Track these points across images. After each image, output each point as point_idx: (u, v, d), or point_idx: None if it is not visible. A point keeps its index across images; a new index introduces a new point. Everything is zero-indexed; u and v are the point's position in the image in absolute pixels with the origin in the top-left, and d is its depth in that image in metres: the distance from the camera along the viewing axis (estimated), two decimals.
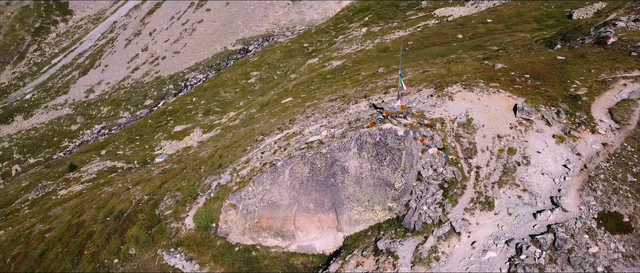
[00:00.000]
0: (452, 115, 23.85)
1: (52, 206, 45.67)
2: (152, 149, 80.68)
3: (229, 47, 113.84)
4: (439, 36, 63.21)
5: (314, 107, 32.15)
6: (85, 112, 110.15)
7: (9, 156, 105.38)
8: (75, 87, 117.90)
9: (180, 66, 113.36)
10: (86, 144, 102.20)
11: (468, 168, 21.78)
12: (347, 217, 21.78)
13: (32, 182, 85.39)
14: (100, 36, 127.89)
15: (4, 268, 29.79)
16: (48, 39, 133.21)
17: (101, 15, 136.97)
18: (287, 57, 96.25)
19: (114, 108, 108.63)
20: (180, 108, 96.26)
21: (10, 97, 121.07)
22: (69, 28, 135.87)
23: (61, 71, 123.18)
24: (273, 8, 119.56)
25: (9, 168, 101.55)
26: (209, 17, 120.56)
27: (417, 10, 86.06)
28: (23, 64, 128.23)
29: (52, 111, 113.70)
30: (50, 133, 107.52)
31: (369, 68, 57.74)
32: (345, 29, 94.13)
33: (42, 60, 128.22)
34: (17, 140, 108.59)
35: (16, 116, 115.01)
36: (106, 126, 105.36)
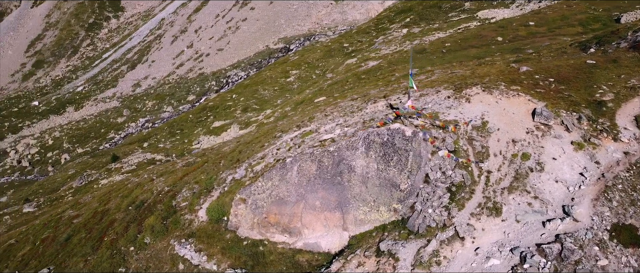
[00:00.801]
0: (467, 117, 23.27)
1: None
2: (191, 143, 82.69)
3: (270, 46, 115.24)
4: (477, 38, 61.74)
5: (335, 106, 32.12)
6: (131, 105, 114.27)
7: (59, 145, 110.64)
8: (123, 81, 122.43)
9: (223, 63, 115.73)
10: (130, 136, 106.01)
11: (478, 172, 21.20)
12: (353, 217, 21.64)
13: (77, 171, 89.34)
14: (149, 33, 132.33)
15: (33, 250, 31.32)
16: (100, 35, 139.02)
17: (150, 12, 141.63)
18: (327, 57, 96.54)
19: (159, 102, 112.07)
20: (220, 104, 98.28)
21: (63, 89, 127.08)
22: (120, 24, 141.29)
23: (111, 65, 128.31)
24: (316, 7, 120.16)
25: (58, 157, 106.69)
26: (252, 15, 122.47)
27: (460, 11, 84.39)
28: (76, 58, 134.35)
29: (101, 104, 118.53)
30: (98, 125, 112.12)
31: (403, 69, 57.05)
32: (385, 30, 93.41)
33: (94, 54, 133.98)
34: (68, 130, 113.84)
35: (68, 107, 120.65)
36: (150, 119, 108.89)
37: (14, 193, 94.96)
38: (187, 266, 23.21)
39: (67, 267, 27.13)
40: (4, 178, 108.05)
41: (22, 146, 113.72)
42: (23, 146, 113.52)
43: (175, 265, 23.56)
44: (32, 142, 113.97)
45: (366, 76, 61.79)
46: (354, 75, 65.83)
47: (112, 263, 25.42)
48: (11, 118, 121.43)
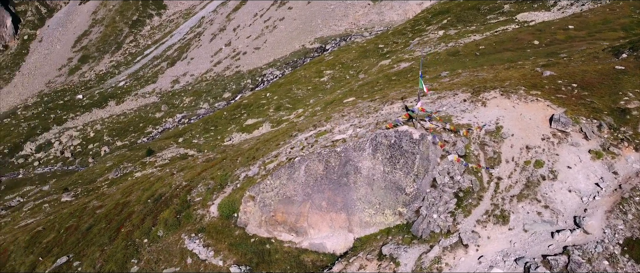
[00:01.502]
0: (481, 122, 22.61)
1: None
2: (223, 140, 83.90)
3: (306, 46, 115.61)
4: (513, 41, 60.04)
5: (353, 106, 31.89)
6: (169, 101, 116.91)
7: (100, 137, 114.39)
8: (162, 78, 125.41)
9: (259, 62, 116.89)
10: (167, 131, 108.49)
11: (488, 179, 20.57)
12: (358, 218, 21.40)
13: (115, 163, 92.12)
14: (189, 30, 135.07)
15: (57, 238, 32.48)
16: (143, 31, 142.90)
17: (191, 10, 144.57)
18: (361, 58, 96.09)
19: (195, 98, 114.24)
20: (254, 102, 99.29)
21: (106, 84, 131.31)
22: (162, 22, 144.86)
23: (152, 61, 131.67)
24: (353, 8, 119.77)
25: (99, 149, 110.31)
26: (290, 15, 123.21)
27: (498, 14, 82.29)
28: (119, 54, 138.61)
29: (141, 99, 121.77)
30: (137, 119, 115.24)
31: (434, 71, 56.13)
32: (422, 31, 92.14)
33: (136, 50, 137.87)
34: (108, 123, 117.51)
35: (110, 102, 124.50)
36: (186, 115, 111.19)
37: (56, 182, 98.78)
38: (195, 260, 23.51)
39: (85, 256, 27.99)
40: (47, 168, 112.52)
41: (65, 137, 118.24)
42: (66, 138, 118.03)
43: (183, 258, 23.92)
44: (75, 134, 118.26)
45: (397, 78, 61.15)
46: (385, 76, 65.28)
47: (125, 254, 26.04)
48: (57, 110, 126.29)
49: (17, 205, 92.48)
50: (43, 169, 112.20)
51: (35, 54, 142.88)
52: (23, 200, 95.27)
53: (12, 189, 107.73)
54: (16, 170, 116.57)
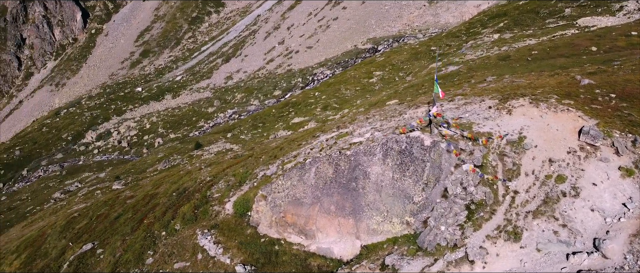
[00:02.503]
0: (503, 131, 21.27)
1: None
2: (268, 137, 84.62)
3: (359, 46, 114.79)
4: (569, 47, 56.74)
5: (380, 108, 31.04)
6: (221, 97, 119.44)
7: (155, 129, 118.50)
8: (217, 74, 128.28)
9: (310, 61, 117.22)
10: (218, 126, 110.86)
11: (504, 192, 19.29)
12: (366, 225, 20.68)
13: (165, 155, 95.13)
14: (245, 28, 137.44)
15: (89, 225, 33.68)
16: (201, 28, 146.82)
17: (248, 8, 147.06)
18: (412, 60, 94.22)
19: (247, 95, 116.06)
20: (302, 100, 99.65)
21: (163, 78, 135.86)
22: (219, 19, 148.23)
23: (208, 57, 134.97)
24: (408, 9, 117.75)
25: (153, 140, 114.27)
26: (343, 15, 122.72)
27: (558, 18, 78.19)
28: (178, 49, 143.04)
29: (195, 94, 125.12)
30: (190, 113, 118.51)
31: (481, 76, 54.01)
32: (476, 34, 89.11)
33: (193, 46, 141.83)
34: (164, 116, 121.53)
35: (166, 95, 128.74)
36: (237, 111, 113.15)
37: (111, 170, 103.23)
38: (205, 256, 23.57)
39: (108, 244, 28.79)
40: (105, 156, 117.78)
41: (123, 127, 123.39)
42: (125, 128, 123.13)
43: (194, 254, 24.04)
44: (133, 125, 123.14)
45: (443, 81, 59.16)
46: (431, 79, 63.48)
47: (143, 245, 26.53)
48: (117, 101, 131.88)
49: (74, 190, 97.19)
50: (101, 157, 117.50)
51: (101, 48, 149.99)
52: (80, 185, 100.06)
53: (72, 174, 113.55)
54: (77, 157, 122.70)
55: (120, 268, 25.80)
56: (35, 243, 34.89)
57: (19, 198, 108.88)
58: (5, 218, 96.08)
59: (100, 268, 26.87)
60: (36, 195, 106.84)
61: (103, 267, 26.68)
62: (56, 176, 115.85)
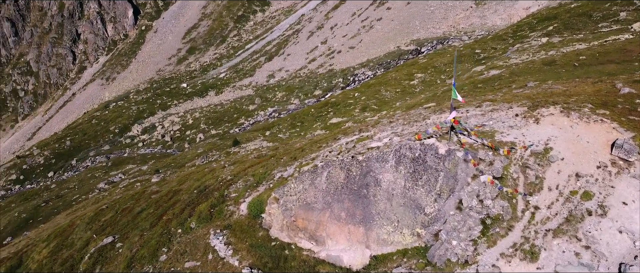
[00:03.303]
0: (528, 141, 19.83)
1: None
2: (305, 136, 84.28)
3: (402, 47, 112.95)
4: (620, 53, 53.42)
5: (406, 112, 29.91)
6: (263, 95, 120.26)
7: (197, 125, 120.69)
8: (259, 72, 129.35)
9: (352, 61, 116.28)
10: (257, 123, 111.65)
11: (523, 207, 17.93)
12: (376, 234, 19.76)
13: (204, 150, 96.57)
14: (288, 27, 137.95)
15: (113, 218, 34.19)
16: (246, 27, 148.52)
17: (293, 8, 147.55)
18: (456, 62, 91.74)
19: (287, 94, 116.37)
20: (342, 101, 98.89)
21: (208, 75, 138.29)
22: (264, 18, 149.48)
23: (251, 55, 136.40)
24: (454, 10, 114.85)
25: (195, 136, 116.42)
26: (387, 15, 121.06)
27: (612, 22, 74.01)
28: (223, 47, 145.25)
29: (238, 91, 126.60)
30: (231, 110, 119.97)
31: (523, 81, 51.68)
32: (523, 38, 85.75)
33: (238, 44, 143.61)
34: (206, 112, 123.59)
35: (210, 92, 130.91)
36: (277, 109, 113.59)
37: (154, 163, 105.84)
38: (215, 257, 23.26)
39: (128, 238, 29.03)
40: (149, 149, 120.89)
41: (168, 122, 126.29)
42: (169, 123, 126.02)
43: (205, 254, 23.78)
44: (176, 120, 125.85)
45: (483, 85, 57.18)
46: (471, 83, 61.40)
47: (159, 241, 26.54)
48: (163, 96, 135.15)
49: (117, 181, 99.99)
50: (145, 150, 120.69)
51: (149, 44, 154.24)
52: (124, 177, 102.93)
53: (117, 166, 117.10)
54: (123, 149, 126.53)
55: (136, 264, 25.88)
56: (64, 233, 35.76)
57: (66, 186, 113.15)
58: (54, 205, 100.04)
59: (117, 262, 27.09)
60: (82, 184, 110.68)
61: (120, 261, 26.87)
62: (102, 167, 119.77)
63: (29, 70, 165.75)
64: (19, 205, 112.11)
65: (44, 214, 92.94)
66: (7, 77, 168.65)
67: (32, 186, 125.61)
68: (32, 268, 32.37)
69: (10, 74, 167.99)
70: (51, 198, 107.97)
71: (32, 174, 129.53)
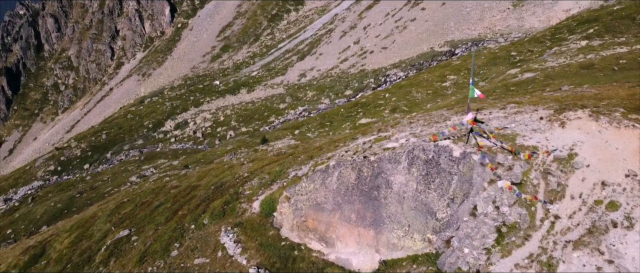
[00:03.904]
0: (552, 145, 18.63)
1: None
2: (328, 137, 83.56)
3: (435, 48, 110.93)
4: None
5: (427, 113, 28.91)
6: (294, 94, 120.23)
7: (228, 122, 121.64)
8: (291, 71, 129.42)
9: (384, 62, 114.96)
10: (287, 122, 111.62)
11: (543, 215, 16.80)
12: (386, 238, 18.95)
13: (234, 147, 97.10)
14: (321, 26, 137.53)
15: (132, 211, 34.37)
16: (280, 26, 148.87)
17: (327, 7, 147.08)
18: (490, 65, 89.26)
19: (318, 93, 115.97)
20: (372, 101, 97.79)
21: (240, 73, 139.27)
22: (298, 17, 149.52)
23: (284, 54, 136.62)
24: (491, 12, 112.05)
25: (225, 132, 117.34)
26: (422, 16, 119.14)
27: None
28: (256, 46, 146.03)
29: (269, 89, 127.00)
30: (262, 108, 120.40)
31: (557, 84, 49.68)
32: (562, 40, 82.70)
33: (271, 43, 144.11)
34: (238, 110, 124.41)
35: (242, 89, 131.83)
36: (307, 109, 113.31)
37: (185, 158, 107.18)
38: (224, 254, 22.89)
39: (143, 232, 29.03)
40: (181, 144, 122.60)
41: (200, 119, 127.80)
42: (201, 119, 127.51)
43: (215, 251, 23.45)
44: (208, 116, 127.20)
45: (515, 88, 55.27)
46: (503, 86, 59.47)
47: (172, 236, 26.39)
48: (196, 93, 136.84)
49: (149, 175, 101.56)
50: (177, 145, 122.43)
51: (185, 41, 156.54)
52: (155, 171, 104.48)
53: (149, 160, 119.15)
54: (156, 144, 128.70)
55: (148, 258, 25.80)
56: (85, 224, 36.20)
57: (100, 179, 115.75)
58: (87, 196, 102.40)
59: (131, 256, 27.08)
60: (116, 177, 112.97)
61: (133, 255, 26.85)
62: (135, 160, 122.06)
63: (70, 65, 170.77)
64: (56, 195, 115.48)
65: (78, 205, 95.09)
66: (49, 72, 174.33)
67: (69, 177, 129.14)
68: (53, 257, 32.82)
69: (52, 69, 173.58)
70: (86, 189, 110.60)
71: (69, 166, 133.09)
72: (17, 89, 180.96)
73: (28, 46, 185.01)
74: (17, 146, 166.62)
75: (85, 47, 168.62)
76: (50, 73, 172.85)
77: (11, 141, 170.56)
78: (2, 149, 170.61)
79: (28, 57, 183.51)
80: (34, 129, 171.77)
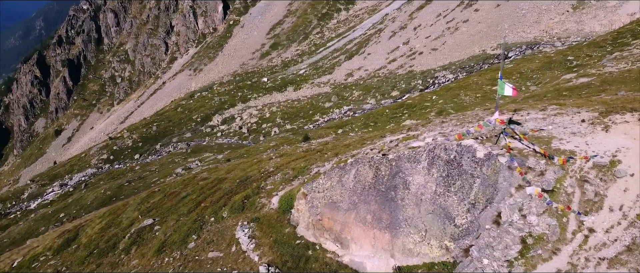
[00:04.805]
0: (592, 151, 16.71)
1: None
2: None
3: (487, 51, 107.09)
4: None
5: (462, 113, 27.20)
6: (339, 93, 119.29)
7: (273, 119, 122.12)
8: (338, 70, 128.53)
9: (433, 63, 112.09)
10: (331, 121, 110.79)
11: (575, 227, 14.99)
12: (402, 243, 17.61)
13: (277, 144, 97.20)
14: (371, 26, 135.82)
15: (160, 201, 34.40)
16: (329, 25, 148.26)
17: (377, 7, 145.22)
18: (544, 69, 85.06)
19: (364, 93, 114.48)
20: (418, 103, 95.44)
21: (288, 71, 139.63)
22: (348, 16, 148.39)
23: (332, 53, 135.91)
24: (548, 14, 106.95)
25: (270, 129, 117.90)
26: (475, 17, 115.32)
27: None
28: (305, 44, 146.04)
29: (315, 88, 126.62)
30: (307, 106, 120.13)
31: (614, 90, 46.25)
32: (624, 45, 77.58)
33: (320, 42, 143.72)
34: (283, 107, 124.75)
35: (288, 87, 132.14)
36: (352, 108, 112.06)
37: (228, 153, 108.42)
38: (237, 249, 22.17)
39: (165, 222, 28.84)
40: (226, 139, 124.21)
41: (246, 114, 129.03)
42: (247, 115, 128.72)
43: (230, 245, 22.78)
44: (254, 113, 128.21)
45: (568, 93, 52.04)
46: (555, 90, 56.20)
47: (191, 228, 25.98)
48: (244, 89, 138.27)
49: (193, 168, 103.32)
50: (223, 140, 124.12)
51: (236, 38, 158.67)
52: (200, 164, 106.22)
53: (195, 153, 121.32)
54: (203, 138, 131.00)
55: (166, 248, 25.48)
56: (117, 212, 36.61)
57: (149, 169, 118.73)
58: (135, 186, 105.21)
59: (151, 245, 26.90)
60: (163, 168, 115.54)
61: (153, 244, 26.65)
62: (182, 153, 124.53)
63: (127, 58, 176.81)
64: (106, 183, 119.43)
65: (125, 193, 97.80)
66: (108, 64, 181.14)
67: (120, 166, 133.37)
68: (83, 242, 33.27)
69: (110, 62, 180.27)
70: (134, 178, 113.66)
71: (121, 155, 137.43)
72: (77, 80, 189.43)
73: (89, 39, 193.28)
74: (75, 135, 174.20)
75: (142, 41, 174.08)
76: (108, 66, 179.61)
77: (70, 129, 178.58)
78: (62, 137, 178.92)
79: (89, 50, 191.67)
80: (91, 119, 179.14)
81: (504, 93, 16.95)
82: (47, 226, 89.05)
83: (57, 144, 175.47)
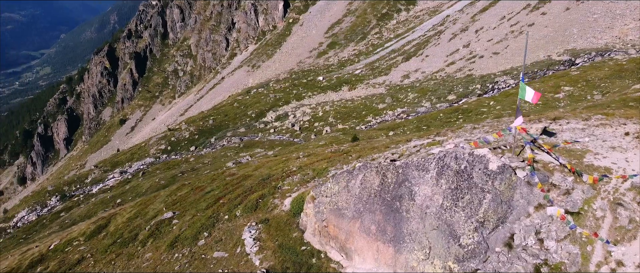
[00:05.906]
0: (631, 169, 14.28)
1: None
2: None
3: (553, 57, 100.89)
4: None
5: (496, 119, 24.88)
6: (394, 95, 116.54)
7: (326, 118, 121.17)
8: (395, 71, 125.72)
9: (494, 68, 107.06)
10: (384, 123, 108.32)
11: (602, 258, 12.73)
12: (405, 260, 15.87)
13: (326, 143, 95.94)
14: (431, 28, 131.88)
15: (186, 194, 34.08)
16: (388, 25, 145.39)
17: (438, 8, 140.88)
18: (614, 77, 78.83)
19: (419, 96, 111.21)
20: (474, 108, 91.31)
21: (344, 70, 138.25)
22: (408, 17, 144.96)
23: (389, 54, 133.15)
24: (623, 19, 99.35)
25: (322, 128, 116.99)
26: (541, 21, 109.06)
27: None
28: (362, 44, 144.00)
29: (370, 88, 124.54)
30: (361, 107, 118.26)
31: None
32: None
33: (378, 42, 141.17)
34: (337, 106, 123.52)
35: (343, 87, 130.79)
36: (406, 111, 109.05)
37: (279, 150, 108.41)
38: (241, 251, 21.15)
39: (183, 216, 28.35)
40: (278, 136, 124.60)
41: (299, 112, 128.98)
42: (300, 113, 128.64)
43: (236, 246, 21.80)
44: (308, 111, 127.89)
45: (635, 104, 47.49)
46: (621, 100, 51.42)
47: (204, 225, 25.29)
48: (299, 87, 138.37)
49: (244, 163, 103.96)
50: (275, 136, 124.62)
51: (294, 36, 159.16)
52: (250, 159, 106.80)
53: (247, 148, 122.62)
54: (256, 133, 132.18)
55: (178, 244, 24.92)
56: (146, 203, 36.74)
57: (202, 161, 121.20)
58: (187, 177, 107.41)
59: (165, 239, 26.45)
60: (215, 161, 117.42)
61: (167, 238, 26.18)
62: (235, 147, 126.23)
63: (189, 53, 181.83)
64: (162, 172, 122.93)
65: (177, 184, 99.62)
66: (171, 58, 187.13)
67: (176, 157, 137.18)
68: (110, 230, 33.52)
69: (174, 56, 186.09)
70: (187, 170, 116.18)
71: (178, 146, 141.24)
72: (143, 72, 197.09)
73: (155, 34, 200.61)
74: (138, 125, 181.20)
75: (204, 37, 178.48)
76: (172, 60, 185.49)
77: (133, 119, 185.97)
78: (126, 126, 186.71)
79: (154, 44, 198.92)
80: (153, 110, 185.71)
81: (525, 98, 14.84)
82: (104, 210, 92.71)
83: (121, 132, 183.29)
